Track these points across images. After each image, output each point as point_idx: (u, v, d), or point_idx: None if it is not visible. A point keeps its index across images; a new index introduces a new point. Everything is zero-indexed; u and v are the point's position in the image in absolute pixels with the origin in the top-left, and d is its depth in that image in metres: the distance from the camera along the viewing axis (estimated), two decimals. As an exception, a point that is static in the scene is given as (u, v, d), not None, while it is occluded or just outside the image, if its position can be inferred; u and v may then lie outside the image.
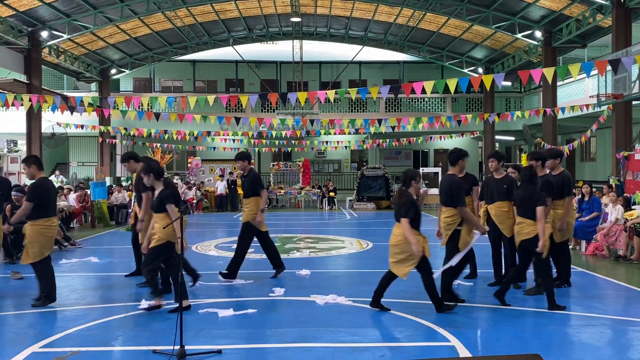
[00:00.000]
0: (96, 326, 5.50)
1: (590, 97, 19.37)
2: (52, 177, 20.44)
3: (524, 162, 15.43)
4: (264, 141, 26.47)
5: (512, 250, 6.93)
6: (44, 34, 20.88)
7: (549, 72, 7.64)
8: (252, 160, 7.57)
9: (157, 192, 6.22)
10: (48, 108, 10.99)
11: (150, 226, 6.32)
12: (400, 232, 5.86)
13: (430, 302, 6.31)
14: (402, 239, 5.83)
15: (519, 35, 21.92)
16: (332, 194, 22.23)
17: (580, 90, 21.99)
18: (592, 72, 18.47)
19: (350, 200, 22.62)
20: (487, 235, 7.54)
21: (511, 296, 6.69)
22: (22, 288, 7.29)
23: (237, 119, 13.15)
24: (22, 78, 21.52)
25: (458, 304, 6.13)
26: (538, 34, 21.39)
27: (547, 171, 7.00)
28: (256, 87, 30.92)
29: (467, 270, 7.84)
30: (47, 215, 6.29)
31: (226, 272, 7.64)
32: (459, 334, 5.14)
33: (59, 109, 11.08)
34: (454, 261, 6.24)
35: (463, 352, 4.67)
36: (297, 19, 25.05)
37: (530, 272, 7.02)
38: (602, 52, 23.33)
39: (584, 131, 18.55)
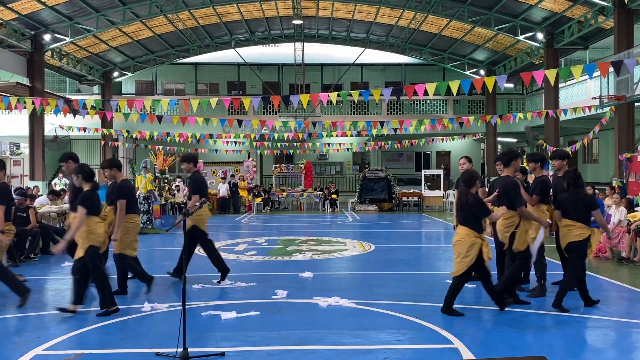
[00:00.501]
0: (99, 328, 5.50)
1: (592, 98, 19.34)
2: (55, 180, 20.48)
3: (526, 164, 15.39)
4: (266, 143, 26.51)
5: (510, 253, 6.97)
6: (47, 37, 20.95)
7: (551, 74, 7.64)
8: (199, 163, 7.52)
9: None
10: (51, 111, 11.02)
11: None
12: (463, 232, 5.92)
13: (434, 304, 6.31)
14: (458, 240, 5.93)
15: (521, 37, 21.92)
16: (334, 196, 22.23)
17: (583, 92, 21.97)
18: (595, 74, 18.47)
19: (352, 202, 22.61)
20: (492, 238, 7.54)
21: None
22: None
23: (240, 122, 13.18)
24: (25, 81, 21.58)
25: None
26: (540, 35, 21.39)
27: (550, 172, 7.00)
28: (258, 90, 30.95)
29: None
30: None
31: (172, 272, 7.75)
32: (462, 336, 5.14)
33: (62, 112, 11.11)
34: (534, 256, 6.37)
35: (466, 354, 4.67)
36: (299, 22, 25.08)
37: (531, 274, 7.02)
38: (604, 53, 23.32)
39: (586, 133, 18.52)
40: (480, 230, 5.98)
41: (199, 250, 8.31)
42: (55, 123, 21.83)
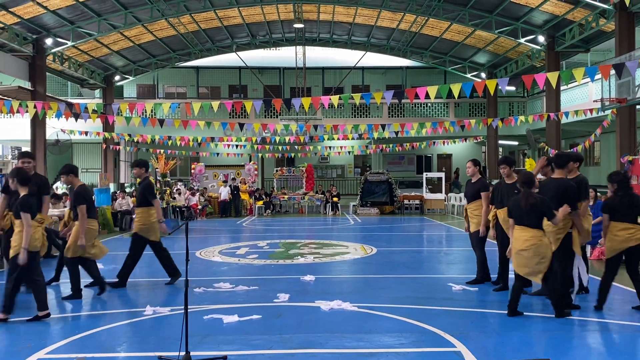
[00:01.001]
0: (101, 332, 5.50)
1: (594, 101, 19.34)
2: (57, 184, 20.49)
3: (527, 166, 15.38)
4: (267, 147, 26.52)
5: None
6: (49, 41, 20.99)
7: (553, 77, 7.64)
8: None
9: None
10: (52, 115, 11.02)
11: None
12: (531, 235, 5.80)
13: (436, 307, 6.30)
14: (534, 243, 5.77)
15: (522, 40, 21.93)
16: (335, 199, 22.23)
17: (584, 95, 21.96)
18: (596, 77, 18.44)
19: (353, 205, 22.61)
20: (495, 241, 7.54)
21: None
22: (27, 295, 7.29)
23: (241, 125, 13.18)
24: (27, 85, 21.61)
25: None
26: (541, 38, 21.40)
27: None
28: (259, 93, 31.00)
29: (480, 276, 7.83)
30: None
31: (116, 280, 7.68)
32: (465, 339, 5.12)
33: (64, 116, 11.11)
34: (583, 274, 6.33)
35: (469, 357, 4.65)
36: (300, 25, 25.13)
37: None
38: (605, 56, 23.32)
39: (587, 136, 18.52)
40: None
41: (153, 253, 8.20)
42: (57, 127, 21.86)
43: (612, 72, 7.46)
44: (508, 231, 6.98)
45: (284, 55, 30.07)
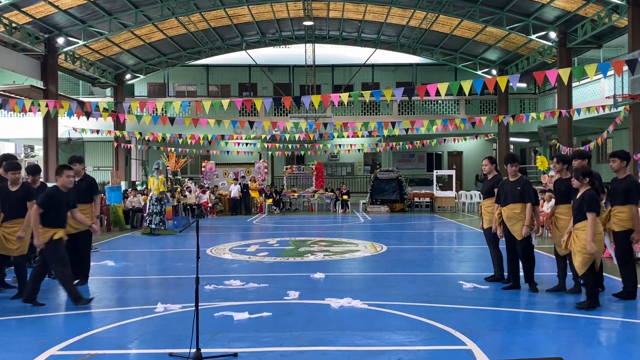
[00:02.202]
0: (113, 329, 5.54)
1: (606, 98, 19.16)
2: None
3: (539, 164, 15.28)
4: (277, 145, 26.54)
5: (523, 252, 6.96)
6: (60, 40, 21.15)
7: (564, 73, 7.57)
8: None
9: None
10: (64, 113, 11.12)
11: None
12: (599, 228, 6.06)
13: (447, 305, 6.29)
14: (600, 232, 6.08)
15: (533, 37, 21.76)
16: (345, 197, 22.21)
17: (596, 91, 21.76)
18: (609, 73, 18.28)
19: (363, 203, 22.58)
20: (504, 238, 7.51)
21: (528, 300, 6.64)
22: (40, 292, 7.37)
23: (251, 123, 13.20)
24: (39, 84, 21.80)
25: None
26: (553, 34, 21.21)
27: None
28: (269, 91, 31.03)
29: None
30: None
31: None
32: (476, 337, 5.10)
33: (75, 114, 11.20)
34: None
35: (480, 356, 4.63)
36: (310, 23, 25.11)
37: (545, 274, 6.96)
38: (617, 52, 23.08)
39: (600, 132, 18.34)
40: None
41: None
42: (68, 125, 22.04)
43: (625, 68, 7.40)
44: (511, 228, 6.94)
45: (294, 53, 30.07)
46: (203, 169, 23.98)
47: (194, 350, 4.49)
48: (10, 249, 6.86)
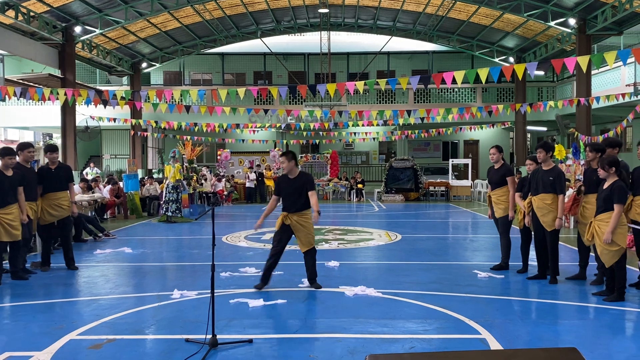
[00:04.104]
0: (130, 315, 5.63)
1: (626, 85, 18.84)
2: (87, 170, 20.91)
3: (556, 153, 15.10)
4: (292, 132, 26.53)
5: (552, 243, 6.82)
6: (77, 29, 21.31)
7: (583, 61, 7.44)
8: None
9: None
10: (82, 102, 11.22)
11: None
12: (624, 220, 5.99)
13: (461, 294, 6.29)
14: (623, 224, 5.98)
15: (552, 23, 21.39)
16: (360, 185, 22.19)
17: (616, 79, 21.38)
18: (629, 60, 17.94)
19: (378, 192, 22.54)
20: (517, 227, 7.46)
21: (543, 289, 6.61)
22: (59, 278, 7.51)
23: (266, 111, 13.21)
24: (57, 73, 22.02)
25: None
26: (572, 21, 20.83)
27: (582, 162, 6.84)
28: (284, 79, 31.00)
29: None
30: None
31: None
32: (490, 326, 5.10)
33: (93, 103, 11.30)
34: None
35: (494, 344, 4.63)
36: (325, 10, 24.97)
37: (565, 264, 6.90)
38: (638, 39, 22.63)
39: (619, 121, 18.06)
40: None
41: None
42: (86, 114, 22.26)
43: (646, 55, 7.23)
44: (542, 219, 6.80)
45: (309, 41, 29.96)
46: (219, 157, 24.11)
47: (209, 336, 4.56)
48: (14, 234, 7.02)
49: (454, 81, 8.28)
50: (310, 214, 6.64)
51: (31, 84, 20.71)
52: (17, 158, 7.33)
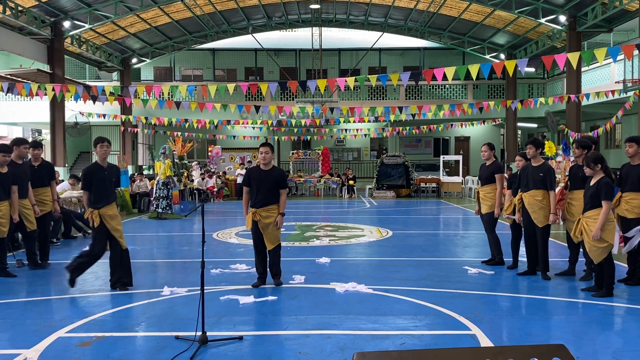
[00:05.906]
0: (120, 312, 5.60)
1: (616, 82, 18.94)
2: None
3: (546, 150, 15.17)
4: (283, 129, 26.48)
5: (542, 239, 6.85)
6: (66, 24, 21.09)
7: (573, 57, 7.47)
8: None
9: None
10: (71, 97, 11.12)
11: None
12: (611, 217, 6.01)
13: (451, 290, 6.30)
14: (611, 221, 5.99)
15: (543, 20, 21.47)
16: (351, 182, 22.20)
17: (606, 76, 21.51)
18: (619, 57, 18.05)
19: (369, 188, 22.57)
20: (508, 223, 7.49)
21: (533, 285, 6.64)
22: (45, 275, 7.45)
23: (257, 108, 13.15)
24: (46, 68, 21.80)
25: None
26: (562, 18, 20.92)
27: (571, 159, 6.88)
28: (275, 76, 30.90)
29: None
30: None
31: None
32: (480, 322, 5.11)
33: (82, 99, 11.20)
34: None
35: (484, 341, 4.65)
36: (316, 6, 24.89)
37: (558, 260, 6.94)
38: (628, 36, 22.77)
39: (609, 118, 18.17)
40: None
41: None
42: (75, 109, 22.07)
43: (636, 52, 7.31)
44: (533, 215, 6.82)
45: (300, 37, 29.86)
46: (209, 153, 24.01)
47: (199, 333, 4.54)
48: (0, 230, 7.03)
49: (444, 77, 8.28)
50: (277, 209, 6.55)
51: (19, 79, 20.50)
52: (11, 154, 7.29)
